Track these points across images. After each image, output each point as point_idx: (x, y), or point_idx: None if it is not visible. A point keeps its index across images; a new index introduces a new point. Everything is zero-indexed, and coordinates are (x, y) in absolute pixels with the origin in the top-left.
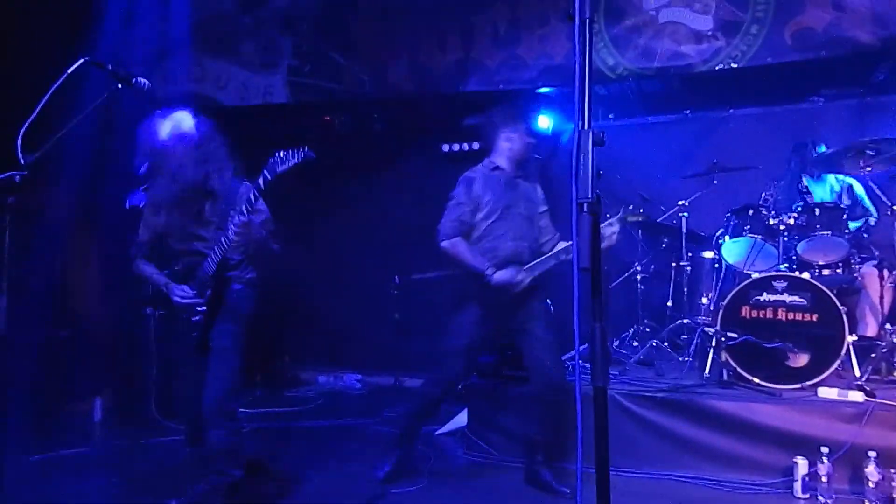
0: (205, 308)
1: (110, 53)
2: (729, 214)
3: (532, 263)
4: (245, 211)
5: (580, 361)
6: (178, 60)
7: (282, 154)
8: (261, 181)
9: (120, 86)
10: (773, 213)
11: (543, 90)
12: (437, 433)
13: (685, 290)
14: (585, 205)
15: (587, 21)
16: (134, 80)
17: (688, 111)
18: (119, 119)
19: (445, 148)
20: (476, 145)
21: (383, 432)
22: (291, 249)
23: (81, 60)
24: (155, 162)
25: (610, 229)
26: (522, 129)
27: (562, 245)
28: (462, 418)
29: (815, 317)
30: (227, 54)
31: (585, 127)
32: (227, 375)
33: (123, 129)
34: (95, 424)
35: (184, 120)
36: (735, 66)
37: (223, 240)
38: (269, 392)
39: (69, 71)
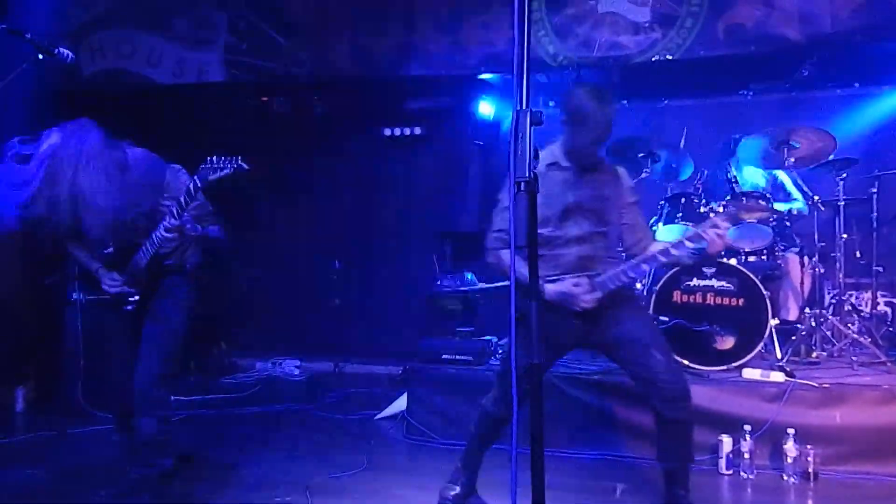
0: (137, 298)
1: (34, 25)
2: (662, 202)
3: (606, 275)
4: (176, 214)
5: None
6: (106, 35)
7: (214, 161)
8: (192, 187)
9: (41, 56)
10: (703, 201)
11: (485, 76)
12: (376, 417)
13: None
14: (523, 183)
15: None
16: (56, 51)
17: (625, 101)
18: (44, 96)
19: (387, 132)
20: (418, 130)
21: (323, 418)
22: (229, 233)
23: None
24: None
25: (713, 231)
26: (585, 118)
27: (658, 246)
28: (402, 402)
29: (741, 301)
30: (159, 29)
31: (523, 107)
32: (157, 362)
33: (50, 106)
34: (17, 415)
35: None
36: (670, 58)
37: (154, 236)
38: (204, 379)
39: None
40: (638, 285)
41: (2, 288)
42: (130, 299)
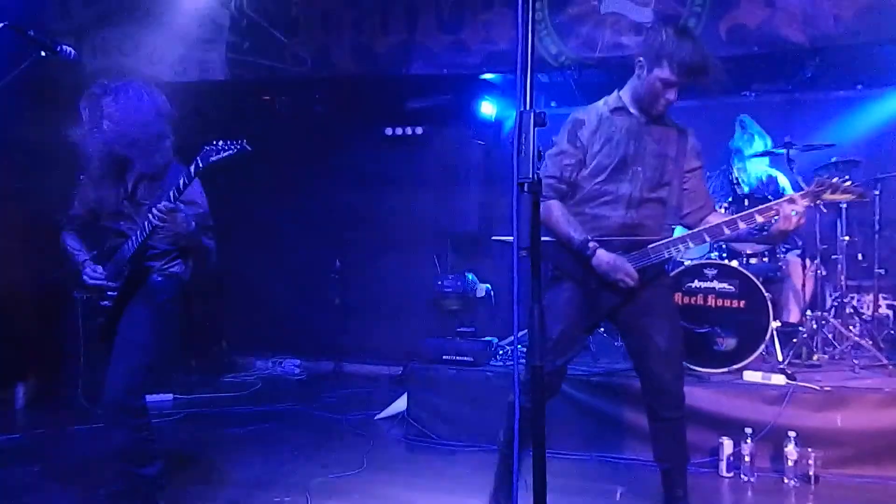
0: (115, 294)
1: (35, 22)
2: None
3: (662, 242)
4: (172, 197)
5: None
6: (108, 33)
7: (218, 143)
8: (192, 169)
9: (44, 53)
10: None
11: (487, 76)
12: (376, 417)
13: None
14: (526, 184)
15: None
16: (59, 48)
17: None
18: (46, 93)
19: (388, 131)
20: (420, 130)
21: (323, 418)
22: (229, 232)
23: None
24: (99, 129)
25: (789, 207)
26: (664, 57)
27: (721, 217)
28: (402, 402)
29: (742, 303)
30: (162, 27)
31: (527, 108)
32: (130, 371)
33: (51, 103)
34: (17, 412)
35: (134, 89)
36: None
37: (145, 224)
38: (205, 377)
39: None
40: None
41: (2, 285)
42: (109, 294)
